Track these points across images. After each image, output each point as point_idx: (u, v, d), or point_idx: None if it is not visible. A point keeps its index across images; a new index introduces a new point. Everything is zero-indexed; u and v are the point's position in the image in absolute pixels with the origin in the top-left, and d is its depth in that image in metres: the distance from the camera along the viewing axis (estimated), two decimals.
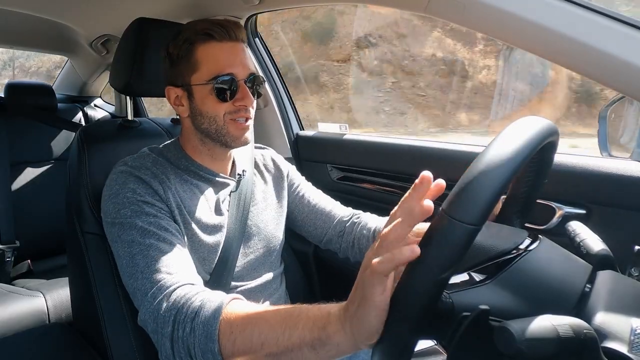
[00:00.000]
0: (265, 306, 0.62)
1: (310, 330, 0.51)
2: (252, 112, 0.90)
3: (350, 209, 1.08)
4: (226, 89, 0.84)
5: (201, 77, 0.85)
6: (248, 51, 0.90)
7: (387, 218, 0.48)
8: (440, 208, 0.41)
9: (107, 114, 2.37)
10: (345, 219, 1.04)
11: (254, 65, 0.91)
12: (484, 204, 0.40)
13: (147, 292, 0.70)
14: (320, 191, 1.11)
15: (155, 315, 0.67)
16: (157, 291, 0.69)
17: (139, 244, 0.74)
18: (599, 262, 0.54)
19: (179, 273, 0.71)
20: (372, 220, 1.01)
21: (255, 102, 0.90)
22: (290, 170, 1.10)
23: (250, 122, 0.90)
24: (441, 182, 0.46)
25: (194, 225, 0.84)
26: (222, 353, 0.60)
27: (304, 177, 1.12)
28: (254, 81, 0.87)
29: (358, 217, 1.04)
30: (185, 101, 0.89)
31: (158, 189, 0.82)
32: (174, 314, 0.65)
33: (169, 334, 0.64)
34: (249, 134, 0.90)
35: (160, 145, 0.93)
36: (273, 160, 1.09)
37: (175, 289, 0.68)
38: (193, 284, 0.70)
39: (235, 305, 0.63)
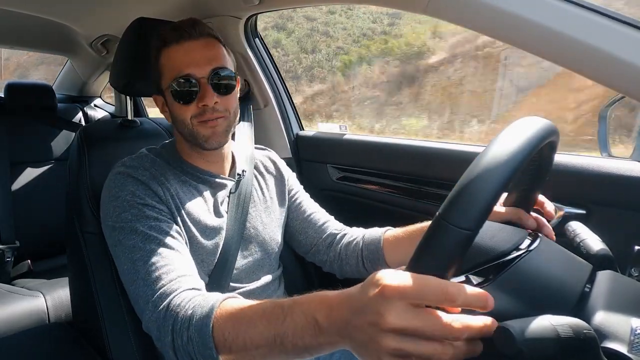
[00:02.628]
0: (253, 306, 0.59)
1: (301, 338, 0.50)
2: (225, 111, 0.84)
3: (342, 224, 1.06)
4: (184, 90, 0.82)
5: (165, 82, 0.85)
6: (218, 46, 0.86)
7: (376, 229, 0.43)
8: (437, 212, 0.41)
9: (107, 114, 2.37)
10: (336, 232, 1.03)
11: (226, 59, 0.86)
12: (480, 209, 0.39)
13: (149, 299, 0.70)
14: (317, 204, 1.10)
15: (158, 324, 0.67)
16: (158, 299, 0.69)
17: (140, 250, 0.74)
18: (598, 262, 0.54)
19: (179, 279, 0.71)
20: (361, 233, 1.00)
21: (227, 98, 0.84)
22: (290, 176, 1.09)
23: (224, 122, 0.85)
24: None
25: (193, 228, 0.84)
26: (220, 356, 0.60)
27: (302, 187, 1.11)
28: (217, 76, 0.83)
29: (349, 231, 1.03)
30: (166, 107, 0.89)
31: (157, 190, 0.81)
32: (171, 323, 0.65)
33: (170, 343, 0.65)
34: (224, 134, 0.86)
35: (158, 146, 0.93)
36: (274, 162, 1.08)
37: (174, 297, 0.68)
38: (192, 289, 0.70)
39: (225, 307, 0.62)
